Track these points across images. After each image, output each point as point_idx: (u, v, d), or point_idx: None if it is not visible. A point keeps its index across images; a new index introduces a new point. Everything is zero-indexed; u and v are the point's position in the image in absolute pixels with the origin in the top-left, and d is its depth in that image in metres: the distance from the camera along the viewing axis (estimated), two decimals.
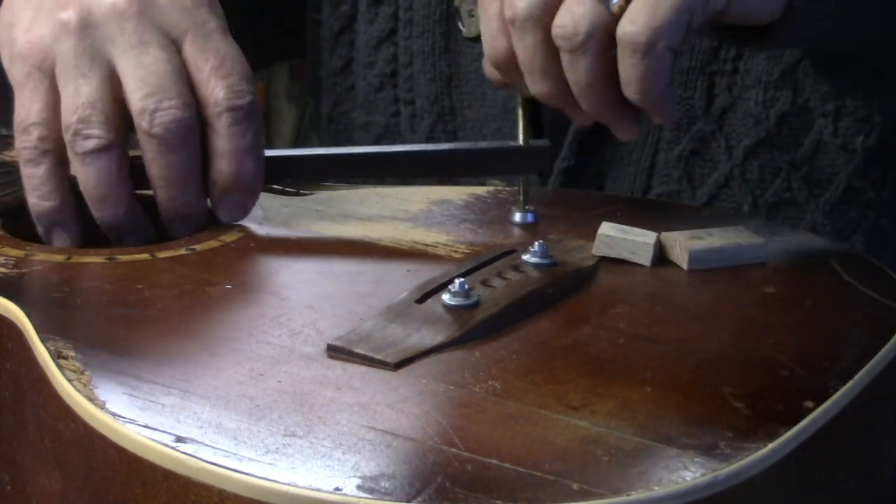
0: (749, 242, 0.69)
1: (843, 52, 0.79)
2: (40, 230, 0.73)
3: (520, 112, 0.75)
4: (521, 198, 0.74)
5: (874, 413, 0.60)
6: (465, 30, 0.92)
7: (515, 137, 0.76)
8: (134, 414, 0.51)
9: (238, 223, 0.74)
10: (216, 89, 0.71)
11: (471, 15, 0.91)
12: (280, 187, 0.83)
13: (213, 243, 0.71)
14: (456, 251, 0.70)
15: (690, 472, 0.48)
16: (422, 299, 0.62)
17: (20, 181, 0.73)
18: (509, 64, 0.70)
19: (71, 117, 0.70)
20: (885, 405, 0.62)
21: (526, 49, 0.68)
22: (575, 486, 0.47)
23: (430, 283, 0.63)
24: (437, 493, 0.46)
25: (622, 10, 0.66)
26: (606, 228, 0.69)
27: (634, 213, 0.76)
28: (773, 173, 0.88)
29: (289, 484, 0.47)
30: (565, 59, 0.67)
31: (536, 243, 0.67)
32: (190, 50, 0.72)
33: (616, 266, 0.68)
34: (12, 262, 0.68)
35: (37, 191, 0.72)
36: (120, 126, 0.70)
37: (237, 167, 0.71)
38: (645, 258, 0.68)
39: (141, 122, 0.70)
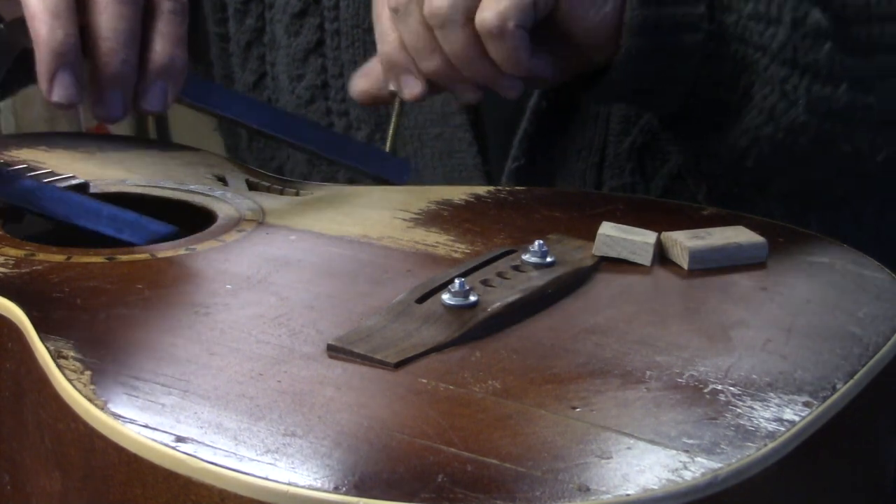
0: (749, 242, 0.69)
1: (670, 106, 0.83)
2: (46, 74, 0.71)
3: (392, 122, 0.83)
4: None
5: (874, 413, 0.60)
6: None
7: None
8: (134, 414, 0.51)
9: (237, 223, 0.74)
10: None
11: None
12: (280, 187, 0.84)
13: (214, 243, 0.71)
14: (456, 251, 0.70)
15: (690, 472, 0.48)
16: (422, 299, 0.62)
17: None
18: (401, 54, 0.77)
19: None
20: (885, 405, 0.62)
21: (409, 31, 0.75)
22: (575, 486, 0.47)
23: (430, 282, 0.63)
24: (436, 492, 0.46)
25: None
26: (606, 228, 0.69)
27: (634, 213, 0.76)
28: None
29: (289, 484, 0.47)
30: (438, 35, 0.74)
31: (536, 243, 0.67)
32: None
33: (616, 266, 0.68)
34: (12, 262, 0.68)
35: (59, 19, 0.71)
36: None
37: (172, 49, 0.73)
38: (645, 258, 0.68)
39: None
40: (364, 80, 0.82)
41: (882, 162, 0.83)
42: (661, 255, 0.69)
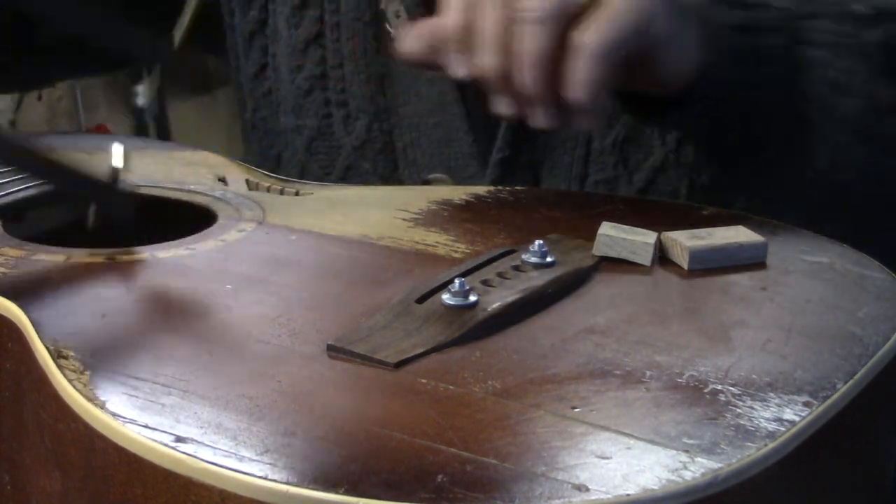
0: (749, 242, 0.69)
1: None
2: None
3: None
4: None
5: (874, 413, 0.60)
6: (394, 31, 0.92)
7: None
8: (134, 414, 0.51)
9: (237, 223, 0.74)
10: None
11: (397, 16, 0.92)
12: (280, 187, 0.84)
13: (214, 243, 0.71)
14: (456, 251, 0.70)
15: (690, 472, 0.48)
16: (422, 299, 0.62)
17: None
18: (456, 36, 0.72)
19: None
20: (885, 405, 0.62)
21: (490, 22, 0.70)
22: (574, 486, 0.47)
23: (430, 282, 0.63)
24: (436, 492, 0.46)
25: (591, 2, 0.69)
26: (606, 228, 0.69)
27: (634, 213, 0.76)
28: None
29: (288, 484, 0.47)
30: (525, 29, 0.69)
31: (536, 243, 0.67)
32: None
33: (616, 266, 0.68)
34: (12, 262, 0.68)
35: None
36: None
37: None
38: (645, 258, 0.68)
39: None
40: (415, 43, 0.77)
41: None
42: (661, 255, 0.69)
